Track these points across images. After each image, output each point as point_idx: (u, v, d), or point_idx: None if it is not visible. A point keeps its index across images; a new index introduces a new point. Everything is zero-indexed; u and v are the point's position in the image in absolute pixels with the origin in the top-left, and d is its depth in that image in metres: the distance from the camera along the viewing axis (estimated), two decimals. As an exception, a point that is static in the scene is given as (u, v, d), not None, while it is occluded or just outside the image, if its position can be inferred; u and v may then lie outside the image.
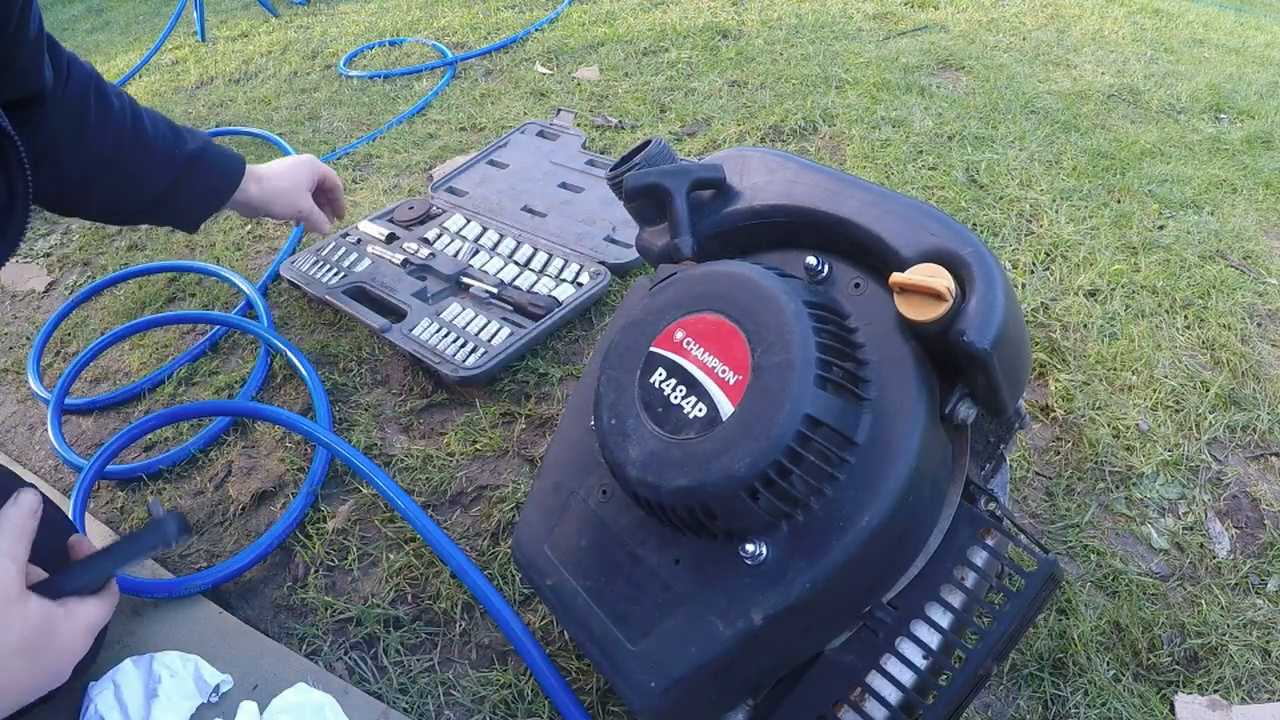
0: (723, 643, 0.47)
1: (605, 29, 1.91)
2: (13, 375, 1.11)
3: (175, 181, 0.80)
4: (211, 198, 0.86)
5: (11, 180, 0.54)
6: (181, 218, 0.86)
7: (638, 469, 0.49)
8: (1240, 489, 0.80)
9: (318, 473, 0.84)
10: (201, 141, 0.83)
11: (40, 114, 0.68)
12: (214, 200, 0.87)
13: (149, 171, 0.79)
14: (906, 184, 1.23)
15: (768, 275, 0.50)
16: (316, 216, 0.99)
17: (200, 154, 0.82)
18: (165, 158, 0.80)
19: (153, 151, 0.79)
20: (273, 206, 0.93)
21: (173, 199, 0.82)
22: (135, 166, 0.78)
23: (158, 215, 0.85)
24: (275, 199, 0.92)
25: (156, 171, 0.79)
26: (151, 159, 0.79)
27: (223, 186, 0.87)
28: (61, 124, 0.71)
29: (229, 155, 0.87)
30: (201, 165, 0.83)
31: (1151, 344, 0.94)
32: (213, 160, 0.84)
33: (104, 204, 0.80)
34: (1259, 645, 0.66)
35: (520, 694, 0.67)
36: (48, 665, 0.51)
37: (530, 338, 0.94)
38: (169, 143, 0.80)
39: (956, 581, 0.50)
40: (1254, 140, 1.40)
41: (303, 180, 0.96)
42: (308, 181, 0.96)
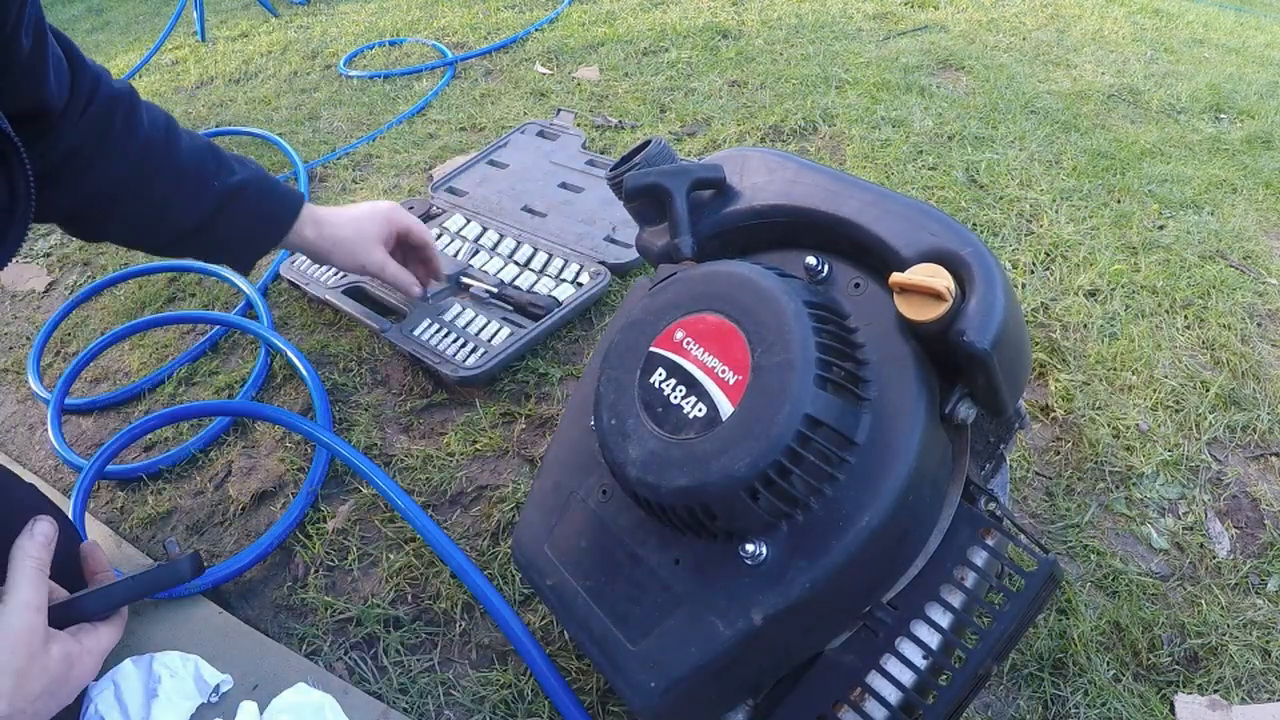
0: (723, 643, 0.47)
1: (605, 29, 1.91)
2: (13, 375, 1.11)
3: (214, 213, 0.75)
4: (259, 236, 0.79)
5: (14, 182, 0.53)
6: (226, 255, 0.80)
7: (637, 469, 0.49)
8: (1240, 489, 0.80)
9: (318, 473, 0.84)
10: (251, 174, 0.78)
11: (56, 130, 0.66)
12: (262, 239, 0.80)
13: (179, 199, 0.73)
14: (906, 184, 1.23)
15: (768, 275, 0.50)
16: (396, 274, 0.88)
17: (244, 186, 0.76)
18: (200, 186, 0.74)
19: (185, 178, 0.73)
20: (332, 256, 0.84)
21: (211, 232, 0.76)
22: (162, 191, 0.72)
23: (199, 249, 0.79)
24: (334, 248, 0.83)
25: (189, 200, 0.74)
26: (183, 185, 0.73)
27: (273, 225, 0.79)
28: (79, 141, 0.68)
29: (283, 192, 0.80)
30: (246, 198, 0.76)
31: (1151, 344, 0.94)
32: (260, 195, 0.78)
33: (128, 229, 0.75)
34: (1259, 645, 0.66)
35: (520, 694, 0.67)
36: (64, 698, 0.54)
37: (530, 338, 0.94)
38: (208, 171, 0.74)
39: (956, 581, 0.50)
40: (1254, 140, 1.40)
41: (372, 231, 0.85)
42: (380, 233, 0.86)
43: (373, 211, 0.86)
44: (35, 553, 0.55)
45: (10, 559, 0.54)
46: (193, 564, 0.62)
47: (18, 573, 0.53)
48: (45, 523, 0.57)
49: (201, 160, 0.75)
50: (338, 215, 0.84)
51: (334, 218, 0.84)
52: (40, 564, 0.54)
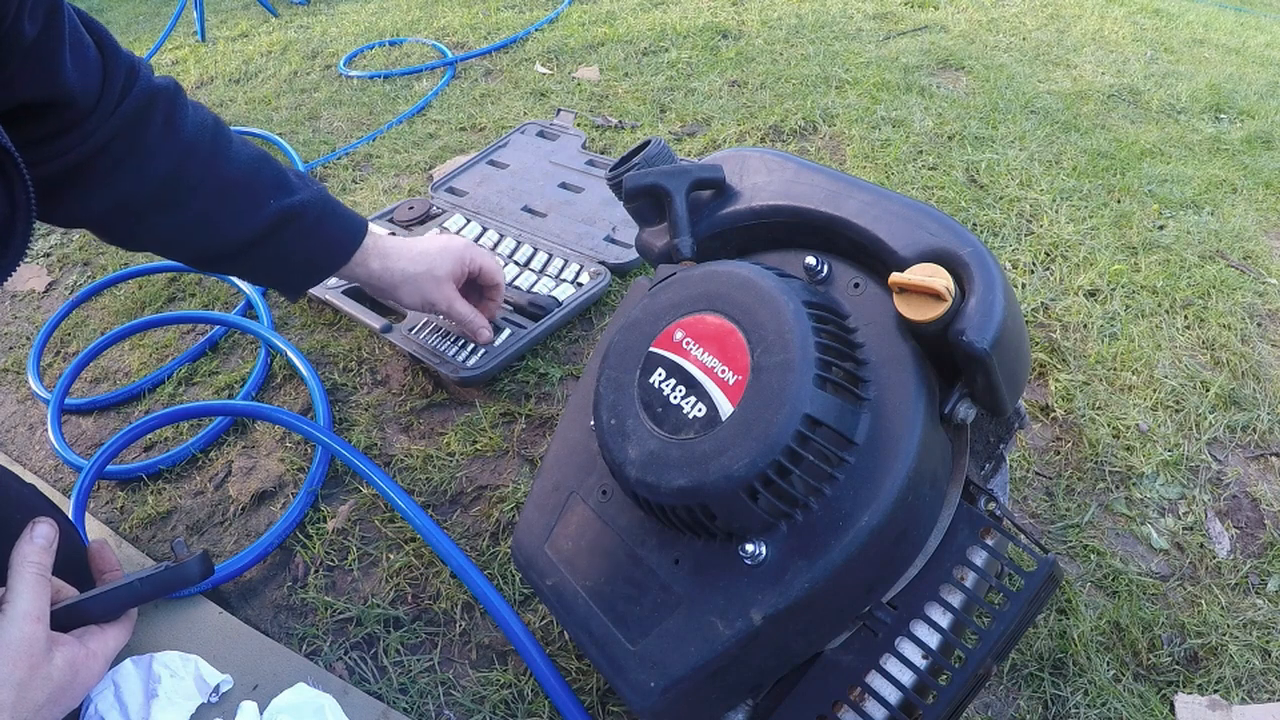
0: (722, 643, 0.47)
1: (605, 29, 1.91)
2: (13, 375, 1.11)
3: (265, 234, 0.69)
4: (315, 263, 0.74)
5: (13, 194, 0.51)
6: (276, 279, 0.75)
7: (637, 469, 0.49)
8: (1240, 489, 0.80)
9: (318, 473, 0.84)
10: (312, 194, 0.71)
11: (84, 126, 0.62)
12: (319, 267, 0.74)
13: (224, 212, 0.68)
14: (906, 184, 1.23)
15: (767, 275, 0.50)
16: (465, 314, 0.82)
17: (303, 207, 0.70)
18: (250, 201, 0.68)
19: (232, 190, 0.68)
20: (399, 292, 0.79)
21: (260, 254, 0.70)
22: (204, 201, 0.67)
23: (246, 270, 0.74)
24: (403, 284, 0.78)
25: (236, 215, 0.68)
26: (229, 198, 0.68)
27: (332, 253, 0.74)
28: (109, 138, 0.63)
29: (346, 216, 0.74)
30: (304, 220, 0.70)
31: (1151, 344, 0.94)
32: (321, 218, 0.72)
33: (164, 240, 0.69)
34: (1259, 645, 0.66)
35: (520, 694, 0.67)
36: (69, 703, 0.54)
37: (530, 338, 0.94)
38: (261, 186, 0.69)
39: (956, 581, 0.50)
40: (1254, 140, 1.40)
41: (442, 268, 0.79)
42: (452, 270, 0.80)
43: (445, 248, 0.81)
44: (35, 558, 0.54)
45: (10, 565, 0.53)
46: (201, 565, 0.61)
47: (17, 580, 0.53)
48: (45, 524, 0.56)
49: (254, 173, 0.69)
50: (407, 249, 0.79)
51: (402, 251, 0.78)
52: (41, 569, 0.54)
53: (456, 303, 0.82)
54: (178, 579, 0.60)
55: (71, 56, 0.59)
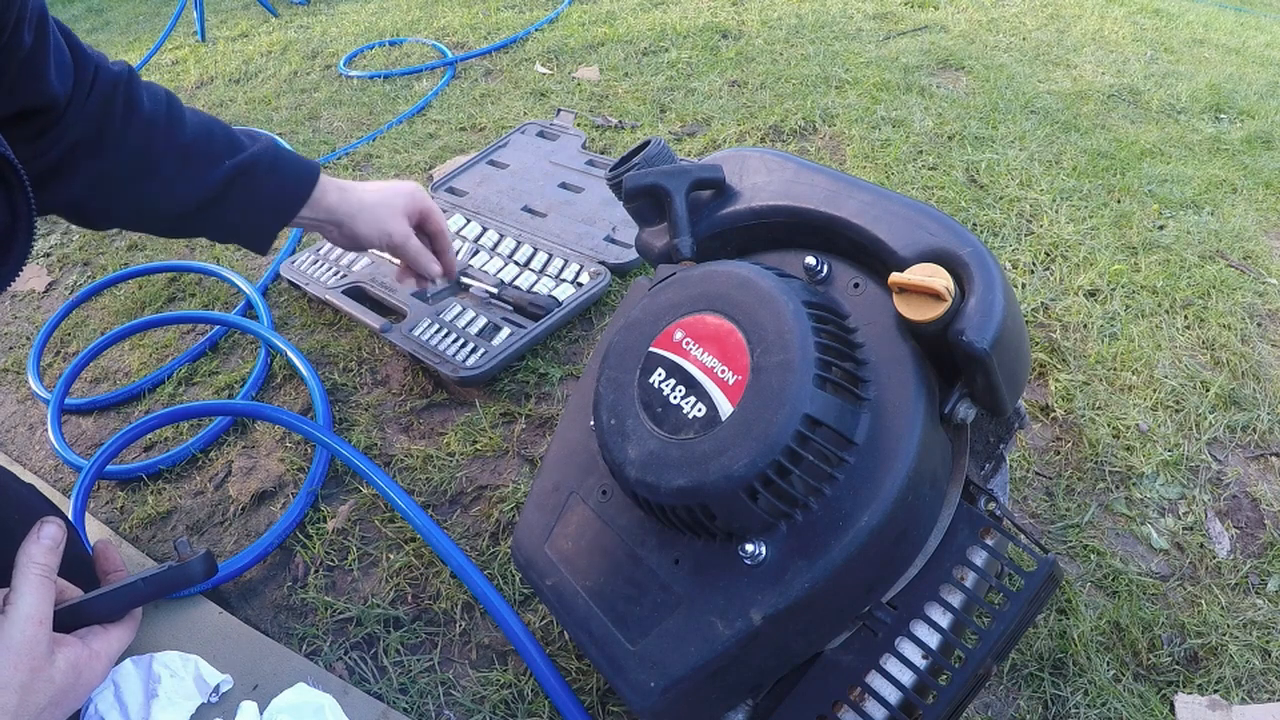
0: (722, 642, 0.47)
1: (605, 29, 1.91)
2: (13, 375, 1.11)
3: (224, 189, 0.71)
4: (277, 207, 0.75)
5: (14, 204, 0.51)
6: (241, 232, 0.76)
7: (637, 469, 0.49)
8: (1240, 489, 0.80)
9: (318, 473, 0.84)
10: (263, 146, 0.74)
11: (59, 126, 0.64)
12: (280, 210, 0.75)
13: (185, 176, 0.70)
14: (906, 184, 1.23)
15: (767, 275, 0.50)
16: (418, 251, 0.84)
17: (256, 159, 0.72)
18: (208, 161, 0.70)
19: (190, 154, 0.70)
20: (356, 222, 0.80)
21: (222, 208, 0.72)
22: (166, 170, 0.69)
23: (210, 227, 0.75)
24: (360, 212, 0.79)
25: (195, 177, 0.70)
26: (189, 163, 0.70)
27: (290, 195, 0.75)
28: (81, 133, 0.65)
29: (299, 161, 0.76)
30: (258, 171, 0.72)
31: (1151, 344, 0.94)
32: (274, 166, 0.74)
33: (133, 212, 0.72)
34: (1259, 645, 0.66)
35: (520, 694, 0.67)
36: (71, 705, 0.54)
37: (530, 338, 0.94)
38: (216, 146, 0.71)
39: (956, 581, 0.50)
40: (1254, 140, 1.40)
41: (397, 201, 0.82)
42: (405, 205, 0.82)
43: (397, 186, 0.83)
44: (41, 559, 0.54)
45: (15, 565, 0.53)
46: (205, 564, 0.60)
47: (22, 582, 0.52)
48: (52, 525, 0.56)
49: (209, 135, 0.72)
50: (362, 185, 0.82)
51: (358, 185, 0.81)
52: (46, 570, 0.54)
53: (412, 239, 0.83)
54: (181, 579, 0.60)
55: (55, 63, 0.61)
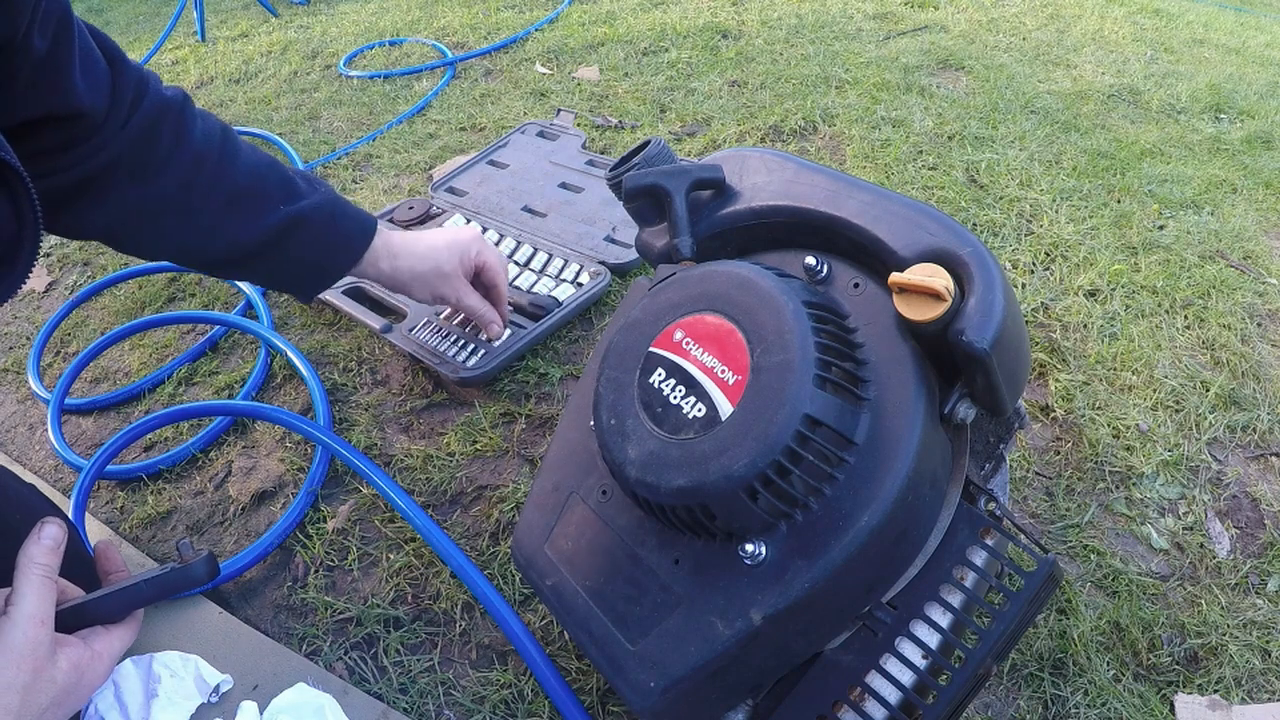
0: (722, 642, 0.47)
1: (605, 29, 1.91)
2: (13, 375, 1.11)
3: (275, 239, 0.69)
4: (325, 265, 0.74)
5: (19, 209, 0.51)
6: (287, 283, 0.76)
7: (637, 469, 0.49)
8: (1240, 489, 0.80)
9: (318, 473, 0.84)
10: (321, 197, 0.72)
11: (95, 140, 0.62)
12: (329, 269, 0.74)
13: (233, 221, 0.68)
14: (906, 184, 1.23)
15: (767, 275, 0.50)
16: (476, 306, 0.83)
17: (311, 212, 0.70)
18: (258, 208, 0.68)
19: (240, 198, 0.68)
20: (410, 290, 0.80)
21: (271, 259, 0.71)
22: (213, 212, 0.67)
23: (257, 275, 0.75)
24: (412, 281, 0.79)
25: (244, 223, 0.68)
26: (238, 207, 0.68)
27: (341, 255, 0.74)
28: (119, 154, 0.63)
29: (355, 217, 0.74)
30: (312, 225, 0.71)
31: (1151, 344, 0.94)
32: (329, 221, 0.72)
33: (175, 248, 0.70)
34: (1259, 645, 0.66)
35: (520, 694, 0.67)
36: (73, 705, 0.53)
37: (530, 338, 0.94)
38: (269, 192, 0.69)
39: (956, 581, 0.50)
40: (1254, 140, 1.40)
41: (448, 264, 0.80)
42: (457, 266, 0.81)
43: (452, 243, 0.81)
44: (43, 559, 0.54)
45: (16, 566, 0.53)
46: (208, 566, 0.60)
47: (23, 582, 0.52)
48: (53, 525, 0.56)
49: (261, 180, 0.69)
50: (414, 245, 0.79)
51: (411, 248, 0.79)
52: (47, 571, 0.54)
53: (466, 296, 0.83)
54: (184, 580, 0.60)
55: (82, 70, 0.59)
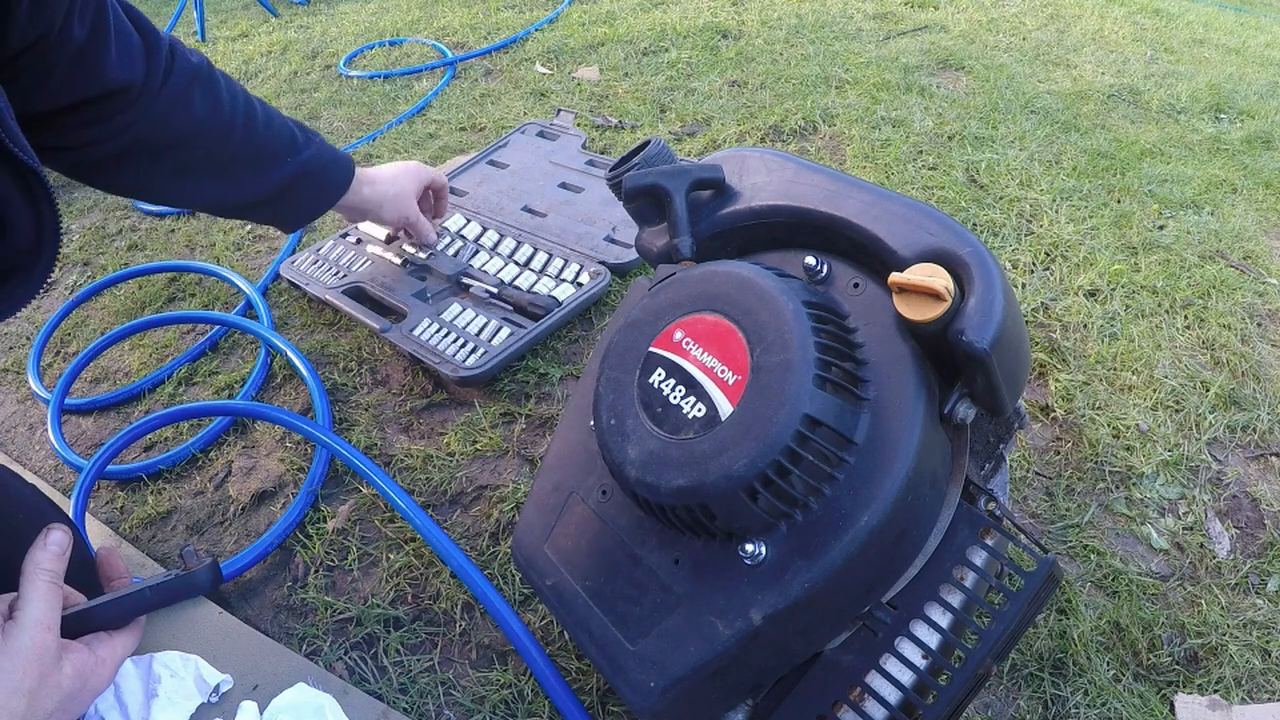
0: (722, 642, 0.47)
1: (605, 29, 1.91)
2: (13, 375, 1.11)
3: (282, 190, 0.80)
4: (319, 202, 0.86)
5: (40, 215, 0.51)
6: (286, 220, 0.87)
7: (637, 469, 0.49)
8: (1240, 489, 0.80)
9: (318, 473, 0.84)
10: (316, 148, 0.83)
11: (130, 111, 0.65)
12: (321, 204, 0.87)
13: (252, 178, 0.78)
14: (906, 184, 1.23)
15: (767, 275, 0.50)
16: (423, 227, 1.00)
17: (312, 165, 0.82)
18: (274, 165, 0.78)
19: (259, 160, 0.77)
20: (383, 211, 0.94)
21: (277, 204, 0.82)
22: (237, 172, 0.76)
23: (258, 215, 0.85)
24: (386, 203, 0.94)
25: (262, 178, 0.78)
26: (259, 166, 0.77)
27: (330, 191, 0.86)
28: (154, 121, 0.68)
29: (339, 160, 0.86)
30: (312, 174, 0.82)
31: (1151, 344, 0.94)
32: (325, 169, 0.84)
33: (197, 201, 0.80)
34: (1259, 645, 0.66)
35: (520, 694, 0.67)
36: (76, 710, 0.53)
37: (530, 338, 0.94)
38: (281, 150, 0.79)
39: (956, 581, 0.50)
40: (1254, 140, 1.40)
41: (411, 187, 0.97)
42: (416, 188, 0.97)
43: (409, 169, 0.97)
44: (49, 565, 0.54)
45: (23, 571, 0.53)
46: (211, 574, 0.61)
47: (29, 588, 0.52)
48: (59, 532, 0.56)
49: (276, 138, 0.78)
50: (383, 173, 0.94)
51: (381, 176, 0.93)
52: (54, 577, 0.54)
53: (422, 217, 1.00)
54: (187, 587, 0.60)
55: (117, 49, 0.62)
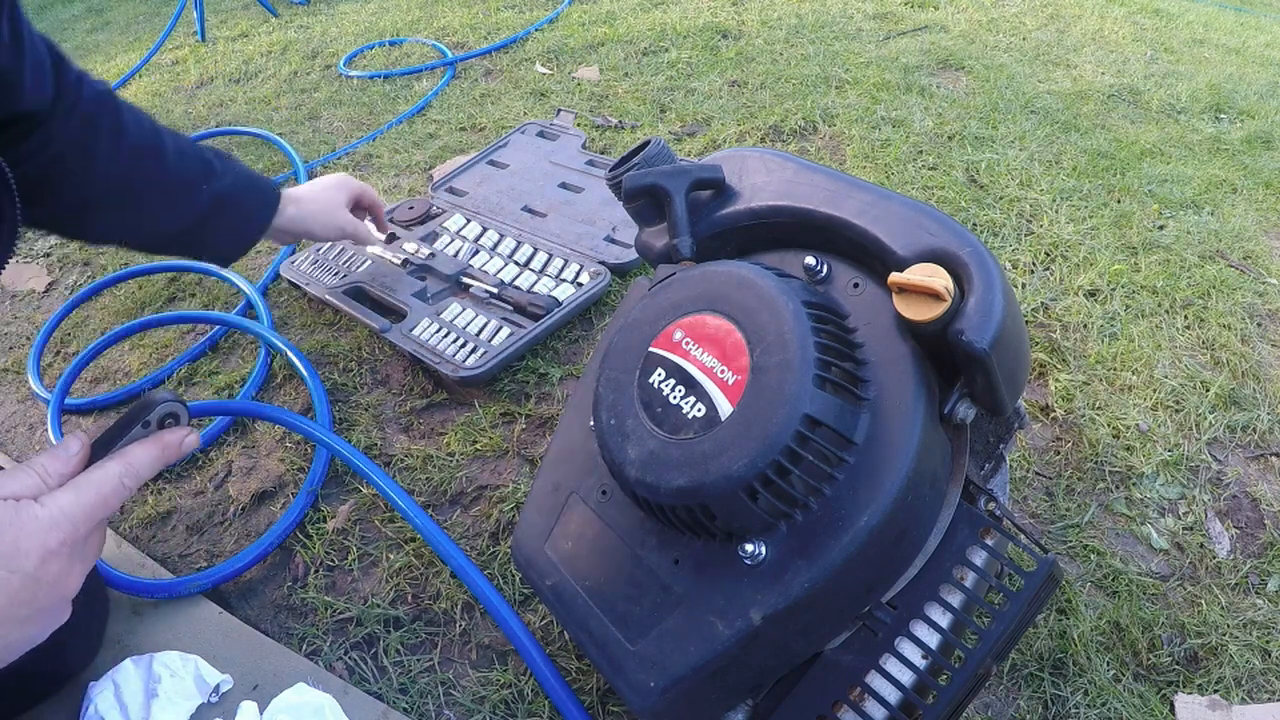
0: (722, 642, 0.47)
1: (605, 29, 1.91)
2: (13, 375, 1.11)
3: (201, 219, 0.77)
4: (245, 232, 0.84)
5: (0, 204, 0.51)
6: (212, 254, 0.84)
7: (637, 469, 0.49)
8: (1240, 489, 0.80)
9: (318, 473, 0.84)
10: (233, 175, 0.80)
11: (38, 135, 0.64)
12: (247, 235, 0.84)
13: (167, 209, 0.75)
14: (906, 184, 1.23)
15: (766, 275, 0.50)
16: (361, 229, 0.98)
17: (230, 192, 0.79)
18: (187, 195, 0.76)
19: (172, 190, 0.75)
20: (312, 227, 0.91)
21: (200, 236, 0.79)
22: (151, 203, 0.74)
23: (185, 250, 0.82)
24: (312, 219, 0.91)
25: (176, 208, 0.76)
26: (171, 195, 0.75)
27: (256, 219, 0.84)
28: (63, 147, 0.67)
29: (261, 186, 0.84)
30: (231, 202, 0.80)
31: (1151, 344, 0.94)
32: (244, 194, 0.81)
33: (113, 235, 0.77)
34: (1259, 645, 0.66)
35: (520, 694, 0.67)
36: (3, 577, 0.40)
37: (530, 338, 0.94)
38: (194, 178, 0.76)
39: (956, 581, 0.50)
40: (1254, 140, 1.40)
41: (339, 199, 0.95)
42: (344, 199, 0.96)
43: (333, 182, 0.96)
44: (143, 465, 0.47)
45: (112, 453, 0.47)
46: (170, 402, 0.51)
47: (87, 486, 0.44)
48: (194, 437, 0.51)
49: (188, 167, 0.76)
50: (309, 191, 0.92)
51: (305, 194, 0.91)
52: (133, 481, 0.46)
53: (359, 225, 0.98)
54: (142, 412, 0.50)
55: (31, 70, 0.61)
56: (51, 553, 0.42)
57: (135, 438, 0.50)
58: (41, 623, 0.43)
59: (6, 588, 0.40)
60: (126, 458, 0.48)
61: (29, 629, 0.43)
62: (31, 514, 0.42)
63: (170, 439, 0.50)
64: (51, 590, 0.43)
